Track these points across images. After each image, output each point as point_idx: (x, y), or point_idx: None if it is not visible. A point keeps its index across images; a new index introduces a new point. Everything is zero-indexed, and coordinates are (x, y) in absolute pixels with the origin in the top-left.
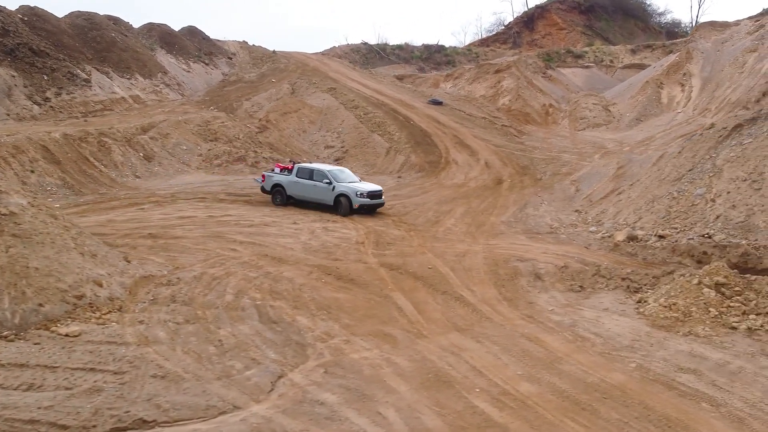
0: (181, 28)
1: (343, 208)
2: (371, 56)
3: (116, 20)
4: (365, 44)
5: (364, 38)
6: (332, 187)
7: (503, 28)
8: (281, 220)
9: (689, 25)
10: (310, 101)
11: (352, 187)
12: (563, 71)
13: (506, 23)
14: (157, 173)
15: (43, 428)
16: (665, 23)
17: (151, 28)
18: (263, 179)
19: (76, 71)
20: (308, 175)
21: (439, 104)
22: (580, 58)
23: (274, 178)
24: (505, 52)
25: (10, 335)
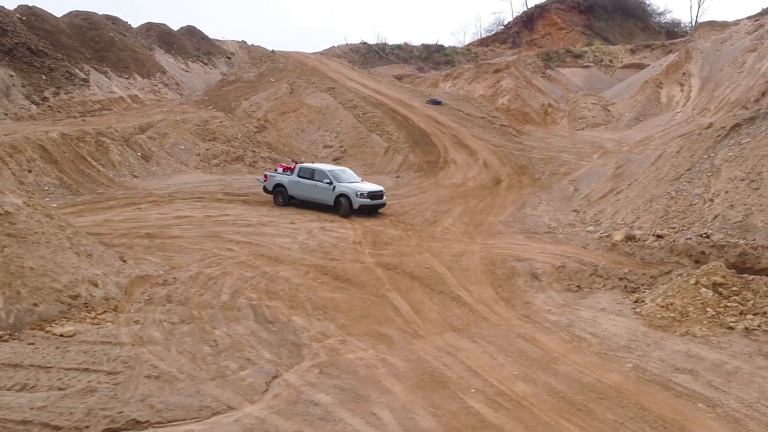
0: (180, 27)
1: (343, 208)
2: (370, 56)
3: (115, 20)
4: (364, 44)
5: (363, 38)
6: (333, 187)
7: (502, 27)
8: (278, 219)
9: (689, 24)
10: (308, 101)
11: (352, 187)
12: (562, 71)
13: (505, 23)
14: (154, 173)
15: (35, 429)
16: (665, 23)
17: (149, 27)
18: (265, 179)
19: (74, 71)
20: (309, 174)
21: (437, 104)
22: (579, 57)
23: (275, 178)
24: (504, 51)
25: (4, 335)
